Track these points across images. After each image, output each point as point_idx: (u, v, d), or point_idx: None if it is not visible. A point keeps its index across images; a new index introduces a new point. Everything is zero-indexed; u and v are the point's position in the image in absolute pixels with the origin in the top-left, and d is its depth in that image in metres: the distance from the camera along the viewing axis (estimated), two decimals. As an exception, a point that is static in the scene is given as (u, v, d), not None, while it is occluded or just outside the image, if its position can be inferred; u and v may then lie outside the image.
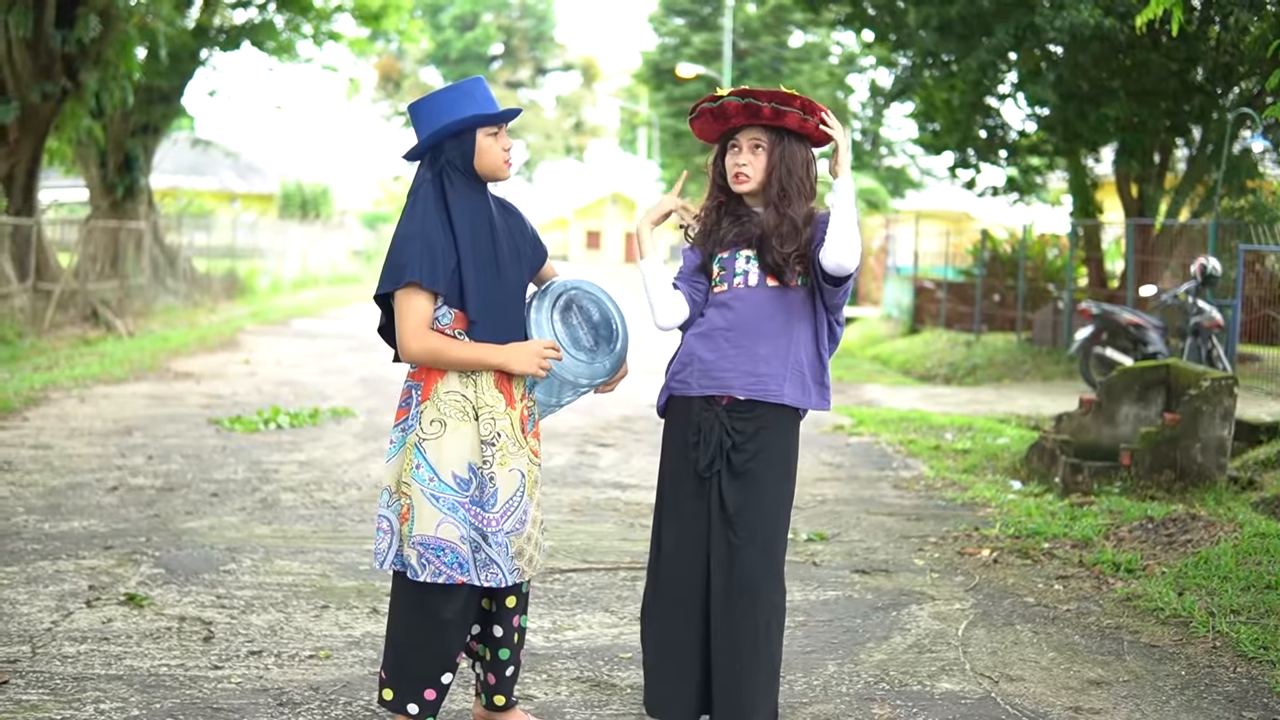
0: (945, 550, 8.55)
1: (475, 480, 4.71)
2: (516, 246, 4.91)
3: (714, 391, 4.82)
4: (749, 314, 4.82)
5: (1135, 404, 10.89)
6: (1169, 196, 21.52)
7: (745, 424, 4.80)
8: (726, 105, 4.85)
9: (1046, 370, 21.03)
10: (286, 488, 10.11)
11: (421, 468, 4.69)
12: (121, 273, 26.36)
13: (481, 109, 4.79)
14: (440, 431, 4.70)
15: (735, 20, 52.89)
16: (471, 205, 4.78)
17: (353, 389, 16.49)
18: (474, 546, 4.70)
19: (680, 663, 4.84)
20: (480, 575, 4.70)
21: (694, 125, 5.02)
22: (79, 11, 21.12)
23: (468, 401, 4.72)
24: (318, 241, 48.88)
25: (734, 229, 4.92)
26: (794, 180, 4.88)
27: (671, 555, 4.87)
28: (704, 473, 4.80)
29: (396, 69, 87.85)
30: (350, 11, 32.50)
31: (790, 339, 4.82)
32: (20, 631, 6.33)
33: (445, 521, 4.67)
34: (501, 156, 4.84)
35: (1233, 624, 6.78)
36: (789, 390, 4.80)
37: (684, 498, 4.86)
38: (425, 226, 4.68)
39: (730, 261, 4.90)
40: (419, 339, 4.66)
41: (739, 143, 4.91)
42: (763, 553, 4.75)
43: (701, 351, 4.86)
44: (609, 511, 9.59)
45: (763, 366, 4.79)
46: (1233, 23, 17.69)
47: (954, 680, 5.99)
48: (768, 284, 4.84)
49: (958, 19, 20.28)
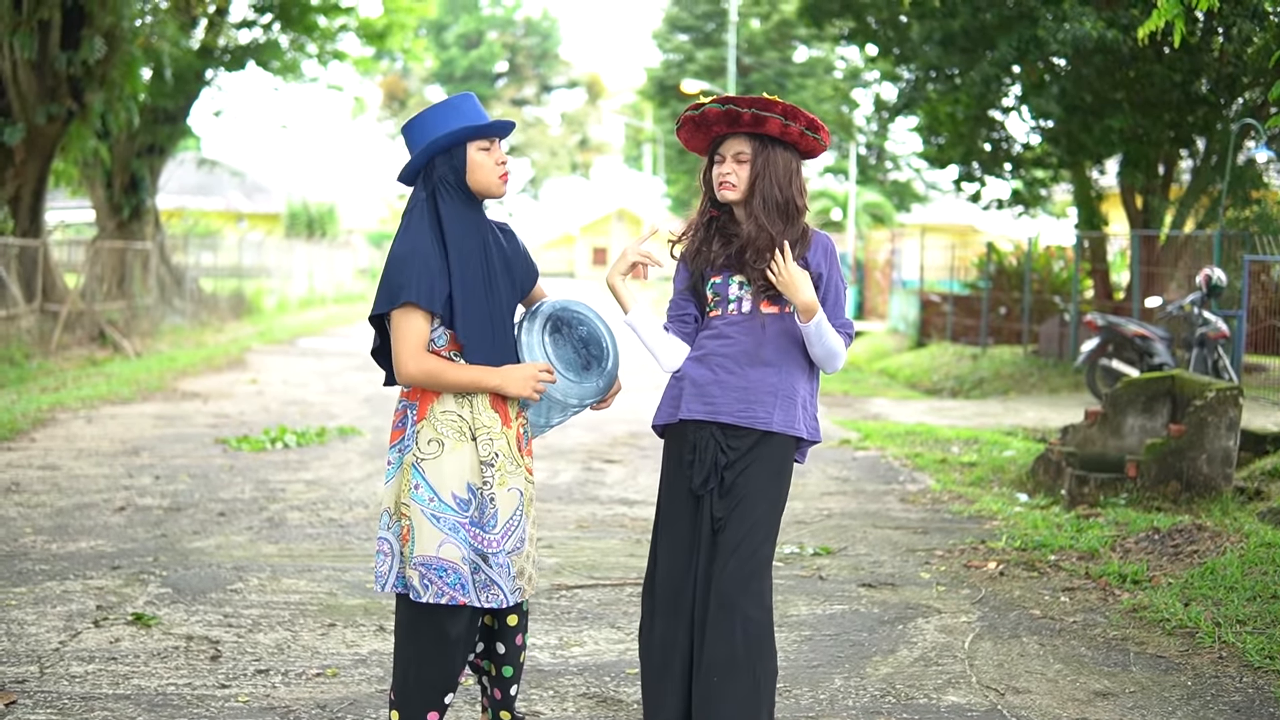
0: (951, 563, 8.55)
1: (475, 501, 4.69)
2: (509, 266, 4.87)
3: (704, 417, 4.78)
4: (742, 342, 4.80)
5: (1141, 415, 10.89)
6: (1174, 208, 21.50)
7: (740, 442, 4.78)
8: (708, 113, 4.81)
9: (1053, 382, 21.01)
10: (293, 506, 10.12)
11: (420, 488, 4.67)
12: (128, 293, 26.40)
13: (470, 122, 4.75)
14: (438, 451, 4.67)
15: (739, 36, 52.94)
16: (465, 224, 4.74)
17: (359, 408, 16.50)
18: (474, 568, 4.67)
19: (672, 678, 4.81)
20: (480, 596, 4.68)
21: (681, 136, 4.99)
22: (84, 33, 21.20)
23: (464, 422, 4.70)
24: (324, 260, 48.92)
25: (724, 251, 4.87)
26: (775, 189, 4.80)
27: (665, 572, 4.85)
28: (699, 490, 4.78)
29: (402, 88, 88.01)
30: (355, 31, 32.59)
31: (781, 368, 4.80)
32: (28, 652, 6.34)
33: (447, 542, 4.65)
34: (495, 171, 4.77)
35: (1239, 634, 6.78)
36: (778, 418, 4.77)
37: (679, 515, 4.85)
38: (420, 246, 4.64)
39: (723, 288, 4.87)
40: (417, 361, 4.63)
41: (722, 153, 4.86)
42: (741, 567, 4.70)
43: (695, 376, 4.82)
44: (615, 528, 9.60)
45: (753, 394, 4.76)
46: (1235, 34, 17.69)
47: (960, 693, 5.99)
48: (761, 310, 4.81)
49: (961, 33, 20.30)
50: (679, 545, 4.83)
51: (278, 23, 30.02)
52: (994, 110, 23.34)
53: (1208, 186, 20.73)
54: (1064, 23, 18.21)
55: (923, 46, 21.42)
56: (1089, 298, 23.49)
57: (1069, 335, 22.39)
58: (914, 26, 21.84)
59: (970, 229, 47.00)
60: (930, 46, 21.13)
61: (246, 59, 29.96)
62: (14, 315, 20.62)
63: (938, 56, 21.24)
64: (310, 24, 30.32)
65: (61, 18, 21.07)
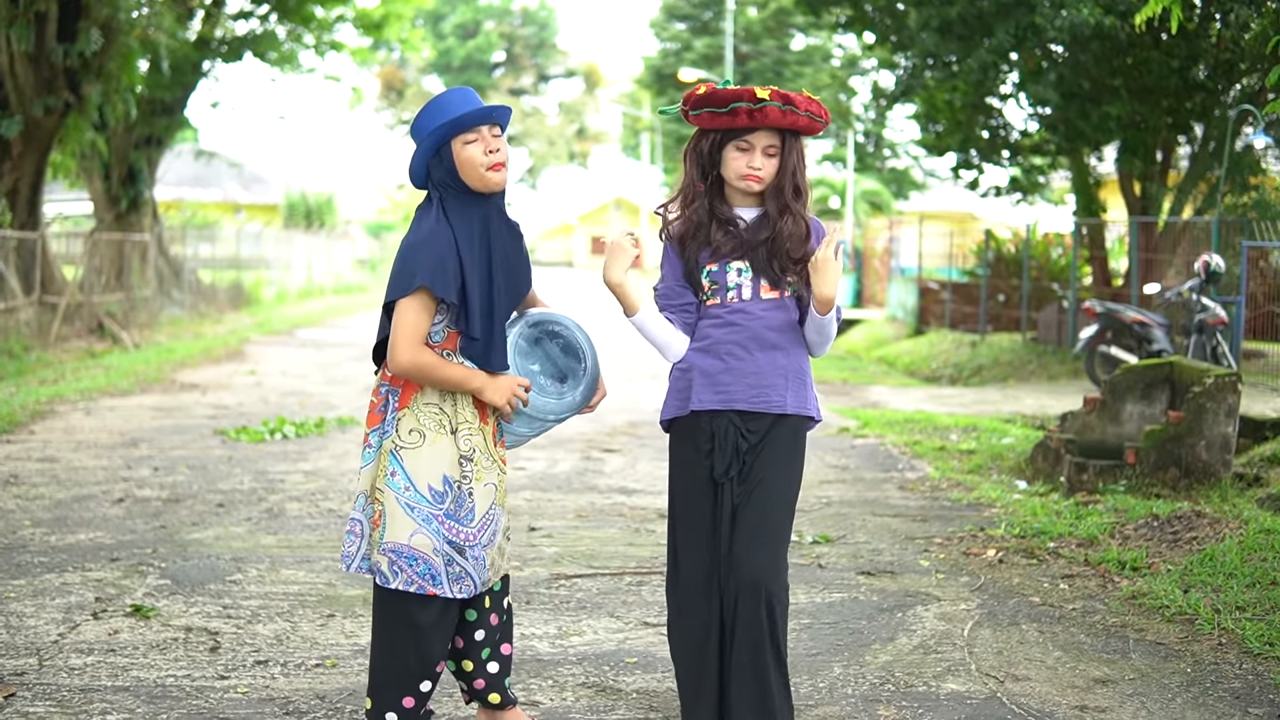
0: (950, 551, 8.55)
1: (451, 494, 4.68)
2: (513, 271, 4.82)
3: (718, 406, 4.76)
4: (747, 328, 4.76)
5: (1140, 402, 10.88)
6: (1172, 194, 21.52)
7: (756, 425, 4.77)
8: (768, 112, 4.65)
9: (1052, 370, 21.03)
10: (292, 497, 10.12)
11: (397, 475, 4.65)
12: (127, 285, 26.39)
13: (448, 117, 4.64)
14: (419, 442, 4.66)
15: (736, 24, 52.94)
16: (470, 224, 4.67)
17: (358, 398, 16.48)
18: (447, 559, 4.66)
19: (707, 669, 4.79)
20: (453, 588, 4.67)
21: (696, 119, 4.76)
22: (80, 25, 21.18)
23: (445, 415, 4.69)
24: (322, 251, 48.92)
25: (725, 240, 4.79)
26: (798, 179, 4.77)
27: (690, 565, 4.82)
28: (722, 478, 4.75)
29: (399, 78, 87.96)
30: (352, 21, 32.58)
31: (787, 350, 4.79)
32: (27, 644, 6.34)
33: (419, 532, 4.64)
34: (482, 162, 4.64)
35: (1238, 620, 6.78)
36: (791, 400, 4.78)
37: (698, 506, 4.81)
38: (434, 237, 4.60)
39: (721, 275, 4.79)
40: (412, 351, 4.59)
41: (752, 145, 4.72)
42: (765, 548, 4.71)
43: (705, 366, 4.78)
44: (614, 517, 9.59)
45: (765, 379, 4.75)
46: (1233, 19, 17.70)
47: (960, 681, 5.99)
48: (762, 296, 4.78)
49: (958, 20, 20.28)
50: (700, 536, 4.79)
51: (274, 14, 30.00)
52: (992, 97, 23.32)
53: (1206, 173, 20.74)
54: (1061, 9, 18.20)
55: (920, 34, 21.39)
56: (1087, 284, 23.49)
57: (1067, 322, 22.40)
58: (911, 14, 21.82)
59: (968, 216, 46.95)
60: (928, 34, 21.10)
61: (244, 50, 29.93)
62: (12, 308, 20.61)
63: (935, 44, 21.21)
64: (307, 15, 30.28)
65: (58, 9, 21.05)
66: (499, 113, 4.73)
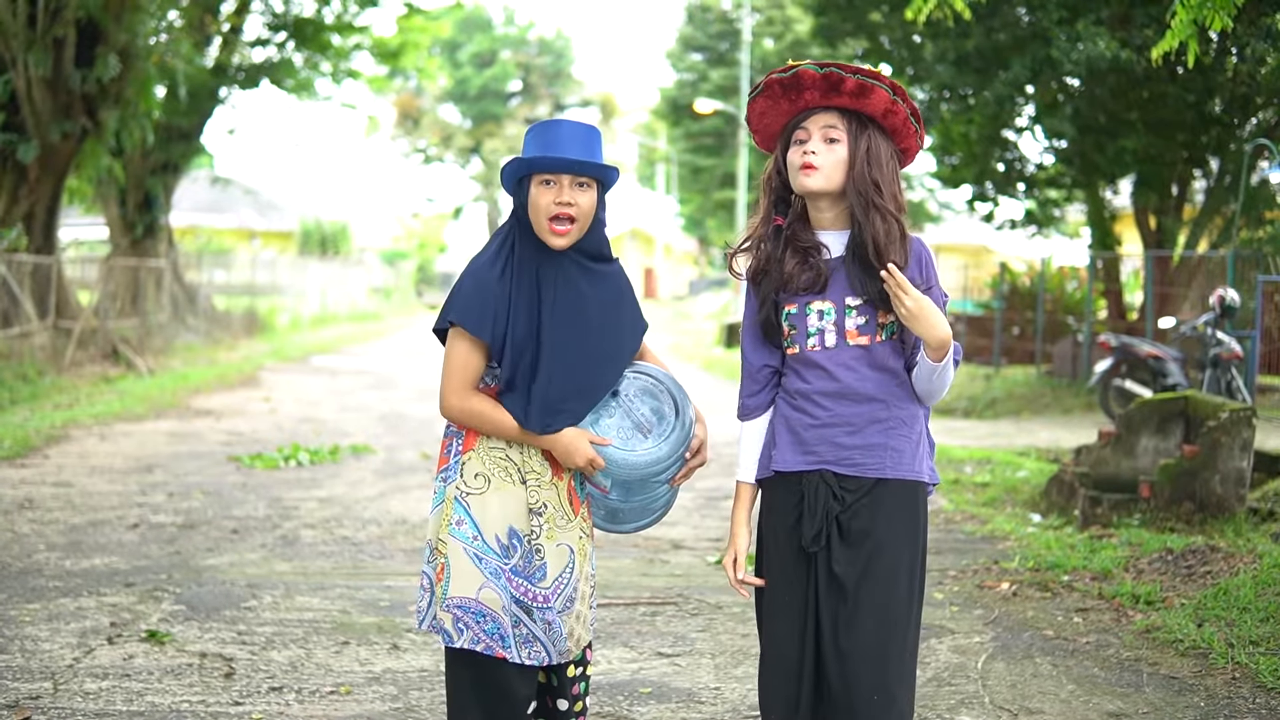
0: (965, 584, 8.54)
1: (520, 549, 4.19)
2: (586, 327, 4.24)
3: (807, 468, 4.00)
4: (833, 379, 3.98)
5: (1154, 436, 10.86)
6: (1187, 228, 21.51)
7: (855, 483, 3.99)
8: (801, 75, 3.92)
9: (1066, 403, 20.99)
10: (307, 524, 10.14)
11: (464, 524, 4.19)
12: (142, 310, 26.47)
13: (533, 154, 4.16)
14: (485, 487, 4.19)
15: (753, 56, 52.99)
16: (528, 266, 4.20)
17: (373, 425, 16.52)
18: (514, 620, 4.18)
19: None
20: (521, 652, 4.18)
21: (753, 115, 4.09)
22: (98, 51, 21.28)
23: (512, 464, 4.22)
24: (337, 279, 49.06)
25: (802, 272, 4.01)
26: (885, 176, 3.96)
27: (780, 646, 4.04)
28: (811, 547, 3.98)
29: (415, 106, 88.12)
30: (369, 50, 32.72)
31: (886, 403, 3.99)
32: (42, 668, 6.35)
33: (487, 586, 4.16)
34: (545, 212, 4.13)
35: (1252, 655, 6.76)
36: (889, 463, 3.99)
37: (790, 582, 4.04)
38: (482, 268, 4.18)
39: (800, 319, 4.01)
40: (460, 395, 4.18)
41: (808, 129, 3.98)
42: (890, 641, 3.95)
43: (790, 421, 4.05)
44: (628, 547, 9.59)
45: (858, 438, 3.98)
46: (1249, 54, 17.69)
47: (973, 713, 5.98)
48: (848, 343, 3.98)
49: (974, 53, 20.32)
50: (793, 618, 4.04)
51: (292, 41, 30.16)
52: (1007, 130, 23.34)
53: (1221, 207, 20.73)
54: (1077, 43, 18.22)
55: (936, 66, 21.43)
56: (1102, 318, 23.47)
57: (1082, 355, 22.36)
58: (927, 46, 21.85)
59: (983, 249, 46.97)
60: (944, 66, 21.14)
61: (260, 77, 30.09)
62: (27, 332, 20.67)
63: (951, 76, 21.25)
64: (324, 43, 30.44)
65: (76, 35, 21.15)
66: (587, 168, 4.16)
